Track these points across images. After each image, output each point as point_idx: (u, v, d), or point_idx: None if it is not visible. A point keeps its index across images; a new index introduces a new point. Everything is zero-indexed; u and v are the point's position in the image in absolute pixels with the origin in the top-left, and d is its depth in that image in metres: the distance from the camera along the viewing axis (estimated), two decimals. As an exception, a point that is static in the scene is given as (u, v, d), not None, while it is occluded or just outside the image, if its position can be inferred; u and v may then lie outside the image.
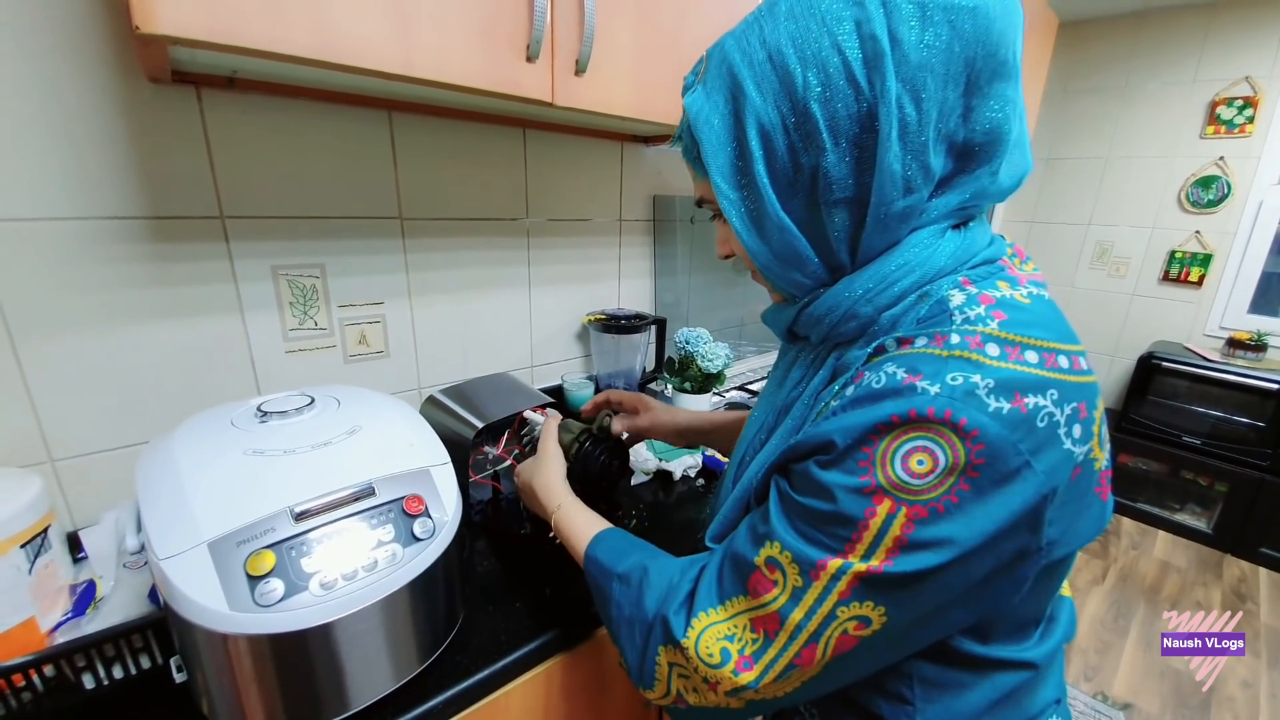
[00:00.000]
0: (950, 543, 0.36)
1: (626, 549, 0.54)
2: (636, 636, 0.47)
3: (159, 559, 0.45)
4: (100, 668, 0.56)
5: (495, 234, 1.14)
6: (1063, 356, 0.38)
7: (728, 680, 0.42)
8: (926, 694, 0.45)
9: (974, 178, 0.41)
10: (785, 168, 0.41)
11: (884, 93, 0.37)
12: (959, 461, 0.35)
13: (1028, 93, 1.96)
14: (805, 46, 0.39)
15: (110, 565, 0.67)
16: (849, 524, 0.37)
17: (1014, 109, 0.40)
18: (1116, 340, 3.00)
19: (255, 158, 0.83)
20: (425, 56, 0.64)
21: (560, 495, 0.65)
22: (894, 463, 0.36)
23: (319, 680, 0.49)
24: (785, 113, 0.40)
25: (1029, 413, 0.35)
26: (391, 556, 0.51)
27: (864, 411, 0.38)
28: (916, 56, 0.37)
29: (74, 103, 0.69)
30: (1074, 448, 0.37)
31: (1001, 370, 0.36)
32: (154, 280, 0.79)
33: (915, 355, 0.38)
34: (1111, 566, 2.41)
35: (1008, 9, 0.38)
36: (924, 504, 0.36)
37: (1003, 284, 0.41)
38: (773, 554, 0.41)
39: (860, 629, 0.39)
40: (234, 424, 0.57)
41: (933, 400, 0.35)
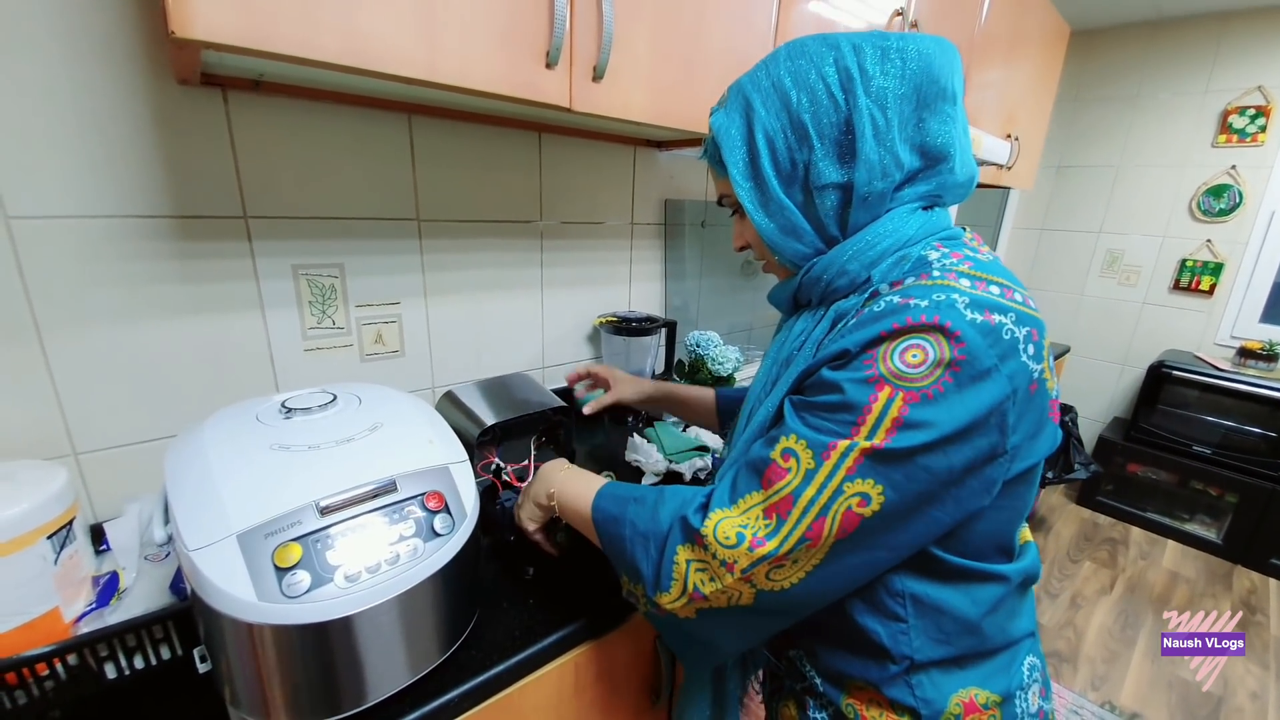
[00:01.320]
0: (936, 425, 0.44)
1: (633, 486, 0.62)
2: (652, 547, 0.54)
3: (189, 550, 0.46)
4: (122, 657, 0.57)
5: (509, 236, 1.16)
6: (1017, 293, 0.49)
7: (743, 557, 0.48)
8: (919, 610, 0.52)
9: (936, 173, 0.54)
10: (785, 162, 0.54)
11: (856, 106, 0.50)
12: (945, 356, 0.44)
13: (1039, 100, 1.97)
14: (798, 75, 0.52)
15: (133, 557, 0.68)
16: (855, 409, 0.46)
17: (955, 124, 0.53)
18: (1127, 349, 2.99)
19: (278, 159, 0.85)
20: (449, 62, 0.65)
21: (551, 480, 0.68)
22: (894, 357, 0.45)
23: (340, 671, 0.50)
24: (784, 122, 0.53)
25: (996, 325, 0.45)
26: (413, 551, 0.52)
27: (869, 328, 0.47)
28: (879, 82, 0.50)
29: (106, 103, 0.71)
30: (1030, 363, 0.46)
31: (972, 293, 0.46)
32: (178, 277, 0.81)
33: (906, 288, 0.48)
34: (1120, 576, 2.40)
35: (944, 52, 0.52)
36: (917, 390, 0.44)
37: (968, 250, 0.53)
38: (789, 445, 0.49)
39: (862, 506, 0.46)
40: (260, 419, 0.58)
41: (924, 310, 0.45)
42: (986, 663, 0.54)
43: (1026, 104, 1.88)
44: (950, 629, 0.52)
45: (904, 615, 0.52)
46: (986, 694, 0.53)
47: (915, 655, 0.52)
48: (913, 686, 0.52)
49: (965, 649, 0.53)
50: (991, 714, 0.53)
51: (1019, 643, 0.56)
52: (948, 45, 0.52)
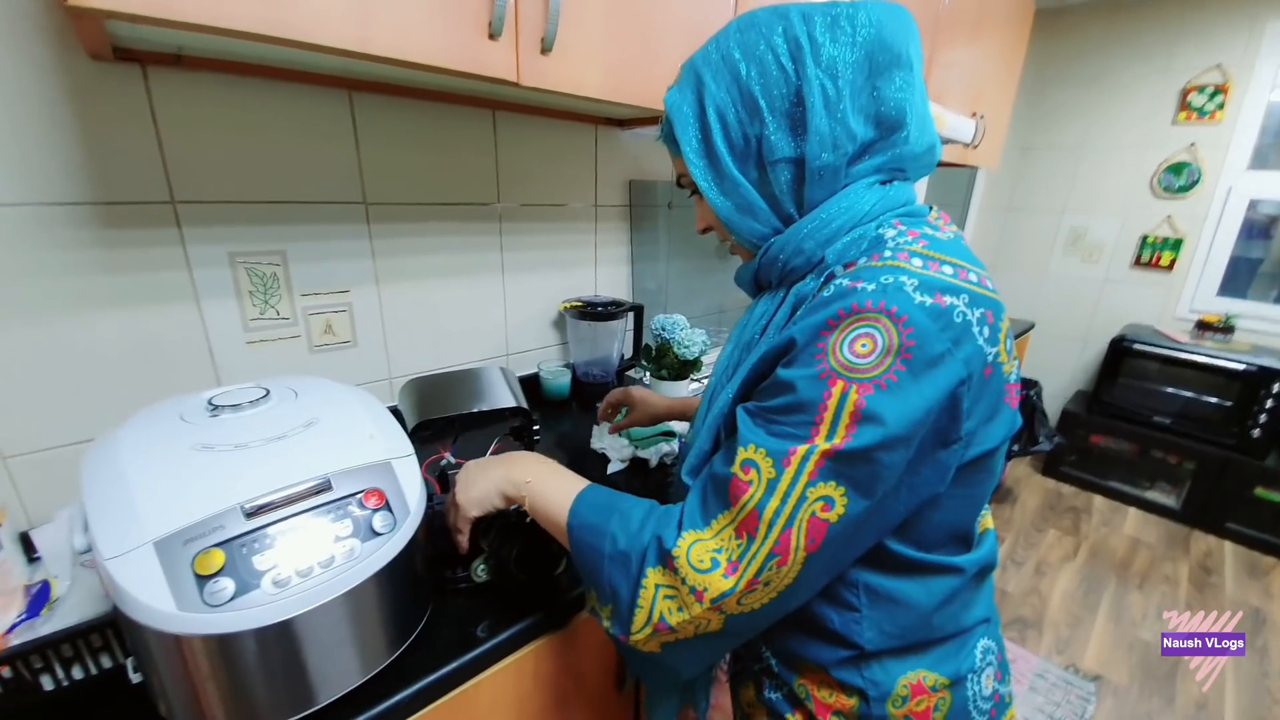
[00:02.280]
0: (893, 417, 0.43)
1: (619, 495, 0.57)
2: (632, 565, 0.50)
3: (104, 559, 0.43)
4: (59, 668, 0.54)
5: (466, 219, 1.12)
6: (972, 274, 0.47)
7: (714, 585, 0.46)
8: (872, 601, 0.52)
9: (891, 143, 0.52)
10: (738, 138, 0.53)
11: (806, 76, 0.49)
12: (894, 343, 0.43)
13: (1005, 80, 1.97)
14: (748, 48, 0.51)
15: (66, 564, 0.65)
16: (810, 408, 0.44)
17: (912, 90, 0.51)
18: (1089, 325, 3.06)
19: (207, 140, 0.80)
20: (383, 33, 0.61)
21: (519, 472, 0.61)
22: (843, 349, 0.44)
23: (278, 677, 0.48)
24: (734, 96, 0.52)
25: (947, 308, 0.44)
26: (349, 552, 0.49)
27: (817, 314, 0.46)
28: (829, 50, 0.49)
29: (12, 82, 0.65)
30: (984, 345, 0.45)
31: (923, 275, 0.45)
32: (103, 268, 0.76)
33: (857, 269, 0.48)
34: (1083, 543, 2.48)
35: (897, 18, 0.50)
36: (869, 381, 0.43)
37: (927, 229, 0.51)
38: (748, 455, 0.47)
39: (826, 510, 0.44)
40: (183, 418, 0.55)
41: (870, 295, 0.44)
42: (936, 649, 0.54)
43: (992, 83, 1.88)
44: (903, 620, 0.52)
45: (857, 605, 0.52)
46: (935, 676, 0.53)
47: (866, 645, 0.52)
48: (860, 669, 0.53)
49: (915, 640, 0.53)
50: (940, 696, 0.53)
51: (972, 629, 0.56)
52: (901, 11, 0.51)
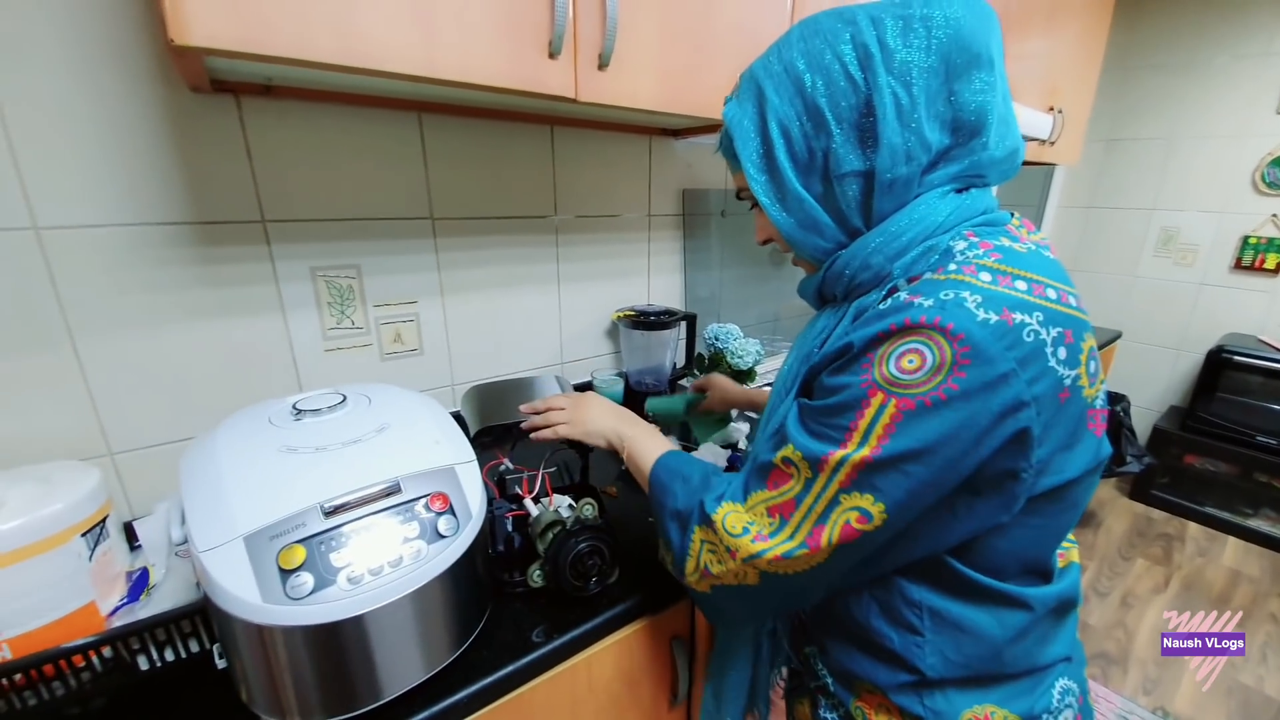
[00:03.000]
0: (933, 434, 0.41)
1: (690, 461, 0.63)
2: (683, 522, 0.56)
3: (199, 551, 0.47)
4: (154, 650, 0.59)
5: (524, 232, 1.15)
6: (1051, 289, 0.44)
7: (744, 548, 0.49)
8: (936, 625, 0.49)
9: (969, 150, 0.48)
10: (802, 152, 0.50)
11: (876, 85, 0.46)
12: (945, 360, 0.40)
13: (1084, 70, 1.86)
14: (812, 57, 0.48)
15: (162, 554, 0.70)
16: (847, 413, 0.44)
17: (994, 92, 0.47)
18: (1183, 334, 2.81)
19: (293, 162, 0.86)
20: (448, 57, 0.64)
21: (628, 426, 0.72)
22: (889, 362, 0.42)
23: (349, 671, 0.50)
24: (799, 108, 0.50)
25: (1015, 326, 0.41)
26: (416, 553, 0.52)
27: (872, 325, 0.44)
28: (901, 56, 0.46)
29: (123, 113, 0.73)
30: (1059, 368, 0.42)
31: (990, 290, 0.42)
32: (201, 282, 0.83)
33: (919, 284, 0.45)
34: (1175, 574, 2.27)
35: (977, 14, 0.47)
36: (912, 396, 0.41)
37: (1004, 239, 0.48)
38: (787, 454, 0.48)
39: (862, 522, 0.44)
40: (271, 421, 0.59)
41: (925, 310, 0.42)
42: (1007, 684, 0.51)
43: (1070, 75, 1.77)
44: (970, 650, 0.49)
45: (920, 628, 0.50)
46: (1005, 713, 0.50)
47: (928, 672, 0.49)
48: (922, 696, 0.50)
49: (983, 672, 0.50)
50: None
51: (1049, 668, 0.53)
52: (981, 6, 0.47)
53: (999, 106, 0.48)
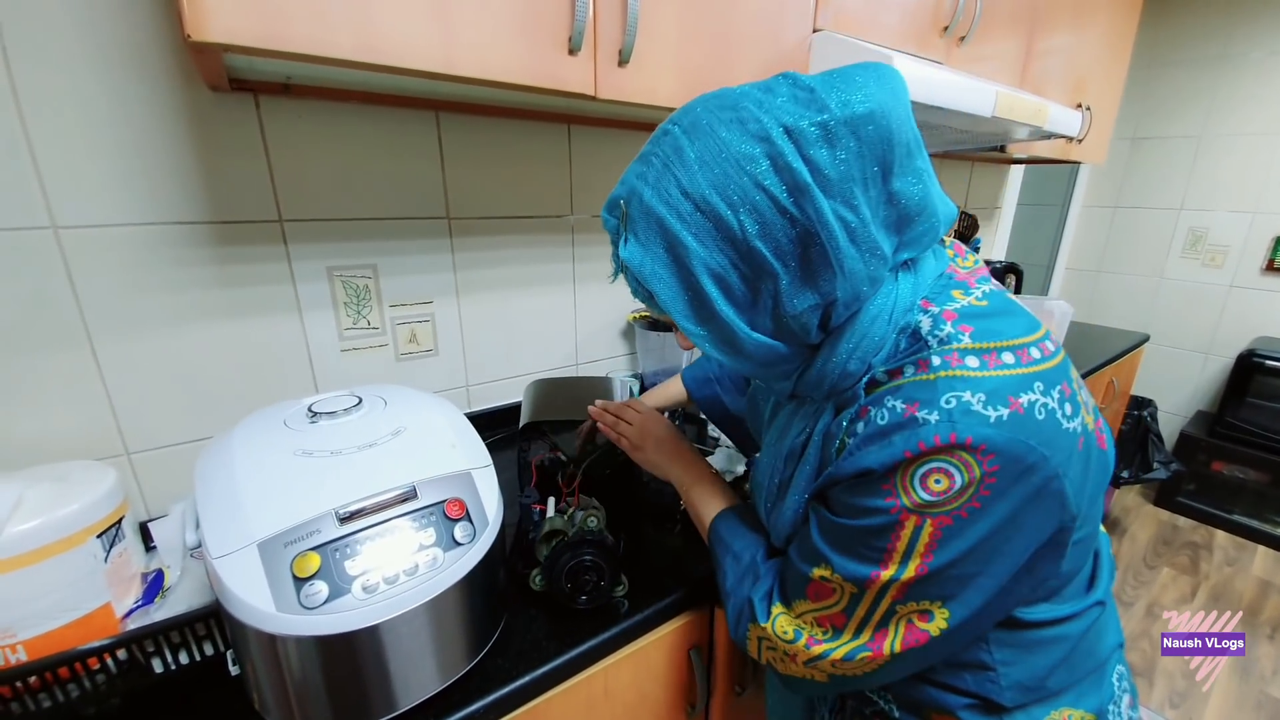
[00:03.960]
0: (979, 538, 0.40)
1: (743, 529, 0.60)
2: (733, 608, 0.55)
3: (212, 557, 0.46)
4: (168, 653, 0.59)
5: (540, 231, 1.14)
6: (1034, 349, 0.43)
7: (803, 653, 0.48)
8: (1005, 657, 0.48)
9: (918, 236, 0.45)
10: (744, 296, 0.44)
11: (819, 215, 0.40)
12: (974, 476, 0.39)
13: (1112, 66, 1.81)
14: (729, 191, 0.40)
15: (177, 555, 0.70)
16: (882, 536, 0.42)
17: (927, 175, 0.44)
18: (1211, 337, 2.74)
19: (310, 161, 0.86)
20: (467, 54, 0.63)
21: (690, 475, 0.69)
22: (915, 486, 0.40)
23: (364, 680, 0.49)
24: (730, 256, 0.42)
25: (1026, 410, 0.40)
26: (432, 561, 0.50)
27: (878, 450, 0.42)
28: (836, 173, 0.39)
29: (141, 112, 0.73)
30: (1070, 424, 0.42)
31: (987, 380, 0.40)
32: (219, 282, 0.82)
33: (908, 385, 0.42)
34: (1202, 584, 2.21)
35: (896, 97, 0.41)
36: (948, 513, 0.40)
37: (957, 293, 0.46)
38: (825, 574, 0.46)
39: (925, 620, 0.43)
40: (286, 424, 0.58)
41: (935, 428, 0.39)
42: (1078, 684, 0.51)
43: (1097, 70, 1.73)
44: (1042, 666, 0.49)
45: (991, 663, 0.49)
46: (1080, 713, 0.50)
47: (1006, 703, 0.49)
48: (1000, 716, 0.50)
49: (1056, 683, 0.50)
50: None
51: (1108, 658, 0.54)
52: (890, 77, 0.42)
53: (933, 180, 0.44)
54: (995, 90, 1.02)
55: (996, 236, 2.46)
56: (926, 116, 1.06)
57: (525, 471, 0.84)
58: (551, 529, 0.68)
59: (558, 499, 0.75)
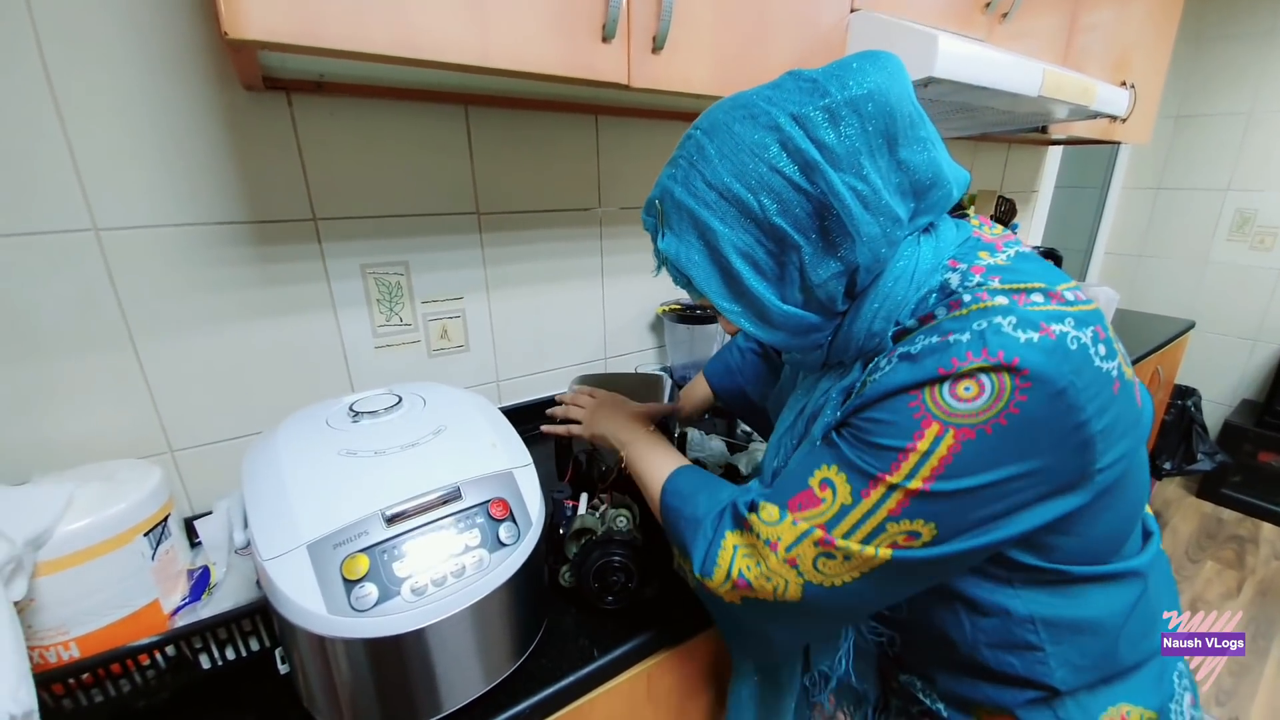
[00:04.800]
0: (997, 464, 0.39)
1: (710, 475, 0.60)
2: (708, 527, 0.52)
3: (263, 559, 0.46)
4: (215, 649, 0.59)
5: (568, 225, 1.13)
6: (1066, 292, 0.43)
7: (789, 531, 0.46)
8: (1055, 636, 0.47)
9: (934, 202, 0.47)
10: (772, 270, 0.47)
11: (831, 187, 0.43)
12: (1004, 386, 0.38)
13: (1157, 42, 1.72)
14: (748, 177, 0.45)
15: (223, 552, 0.71)
16: (899, 439, 0.41)
17: (933, 143, 0.46)
18: (1260, 323, 2.63)
19: (342, 159, 0.85)
20: (502, 46, 0.62)
21: (629, 434, 0.69)
22: (943, 394, 0.40)
23: (411, 682, 0.49)
24: (754, 233, 0.46)
25: (1058, 339, 0.39)
26: (479, 562, 0.50)
27: (908, 369, 0.42)
28: (842, 149, 0.43)
29: (179, 113, 0.73)
30: (1104, 364, 0.41)
31: (1018, 308, 0.41)
32: (256, 281, 0.83)
33: (940, 323, 0.43)
34: (1249, 578, 2.14)
35: (894, 78, 0.44)
36: (972, 426, 0.39)
37: (983, 254, 0.47)
38: (827, 474, 0.45)
39: (910, 542, 0.42)
40: (329, 424, 0.58)
41: (967, 345, 0.40)
42: (1136, 675, 0.50)
43: (1142, 46, 1.65)
44: (1092, 649, 0.48)
45: (1039, 643, 0.47)
46: (1140, 710, 0.48)
47: (1059, 685, 0.47)
48: (1055, 709, 0.48)
49: (1111, 669, 0.48)
50: None
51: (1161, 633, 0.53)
52: (888, 61, 0.45)
53: (941, 151, 0.47)
54: (1042, 69, 0.97)
55: (1034, 220, 2.38)
56: (968, 97, 1.02)
57: (563, 465, 0.83)
58: (582, 526, 0.68)
59: (590, 495, 0.74)
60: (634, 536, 0.66)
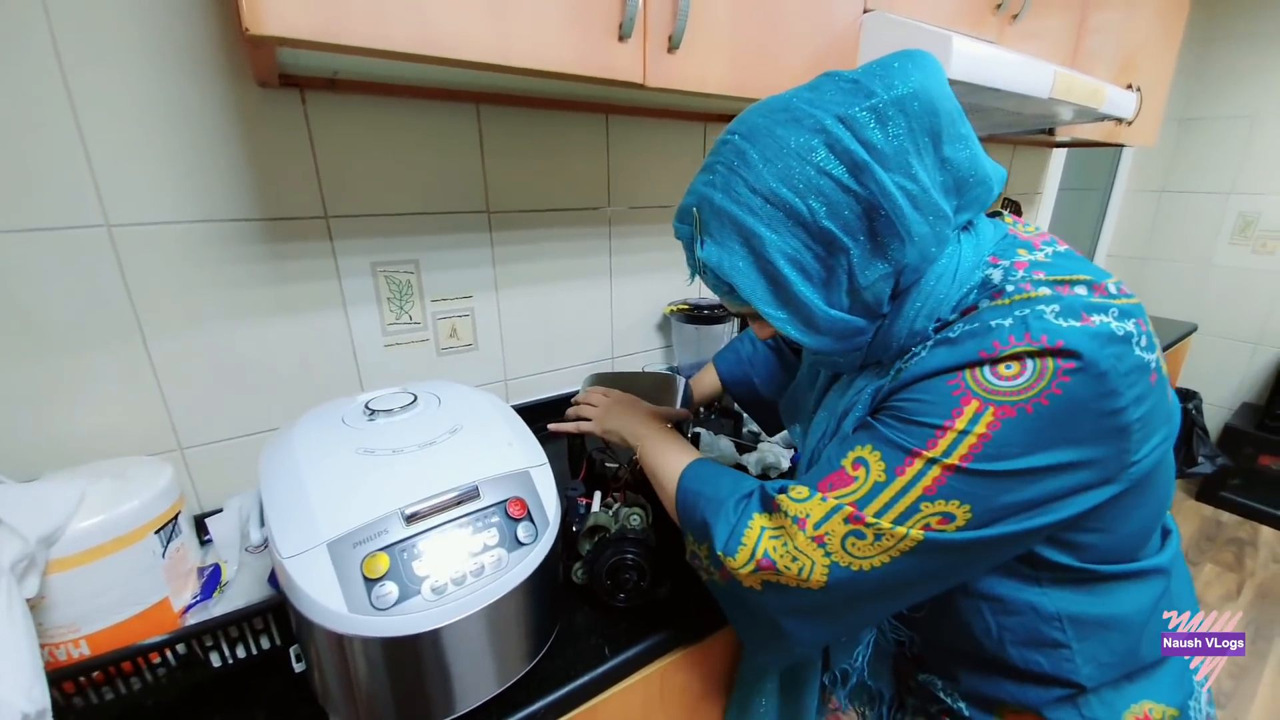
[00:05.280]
0: (1035, 447, 0.39)
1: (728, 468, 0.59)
2: (732, 508, 0.51)
3: (282, 557, 0.46)
4: (225, 647, 0.59)
5: (577, 224, 1.12)
6: (1110, 285, 0.43)
7: (816, 506, 0.45)
8: (1080, 632, 0.47)
9: (975, 199, 0.47)
10: (819, 274, 0.46)
11: (881, 188, 0.42)
12: (1047, 367, 0.38)
13: (1163, 43, 1.72)
14: (795, 180, 0.44)
15: (234, 550, 0.70)
16: (935, 417, 0.41)
17: (972, 139, 0.46)
18: (1261, 327, 2.63)
19: (354, 157, 0.85)
20: (521, 44, 0.61)
21: (644, 429, 0.69)
22: (984, 372, 0.40)
23: (428, 682, 0.49)
24: (802, 238, 0.45)
25: (1099, 327, 0.39)
26: (498, 562, 0.50)
27: (947, 352, 0.42)
28: (890, 148, 0.43)
29: (193, 110, 0.72)
30: (1145, 355, 0.41)
31: (1061, 297, 0.41)
32: (267, 279, 0.82)
33: (982, 313, 0.43)
34: (1248, 581, 2.14)
35: (934, 76, 0.44)
36: (1012, 404, 0.39)
37: (1022, 251, 0.47)
38: (861, 454, 0.45)
39: (943, 524, 0.41)
40: (345, 421, 0.58)
41: (1010, 330, 0.40)
42: (1158, 671, 0.50)
43: (1149, 48, 1.65)
44: (1118, 644, 0.48)
45: (1065, 640, 0.47)
46: (1162, 708, 0.49)
47: (1085, 682, 0.47)
48: (1079, 707, 0.48)
49: (1135, 664, 0.48)
50: None
51: None
52: (925, 60, 0.45)
53: (978, 146, 0.47)
54: (1053, 70, 0.97)
55: (1038, 222, 2.37)
56: (980, 99, 1.02)
57: (576, 463, 0.83)
58: (595, 523, 0.68)
59: (604, 494, 0.74)
60: (647, 535, 0.66)
